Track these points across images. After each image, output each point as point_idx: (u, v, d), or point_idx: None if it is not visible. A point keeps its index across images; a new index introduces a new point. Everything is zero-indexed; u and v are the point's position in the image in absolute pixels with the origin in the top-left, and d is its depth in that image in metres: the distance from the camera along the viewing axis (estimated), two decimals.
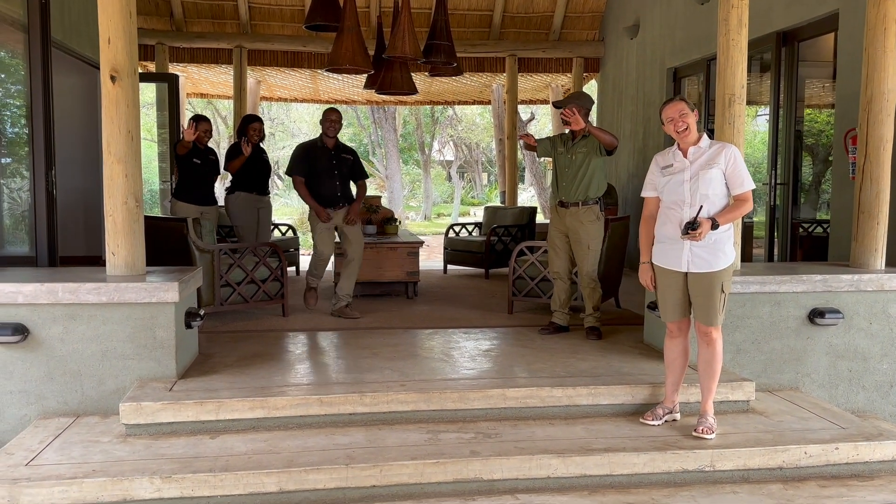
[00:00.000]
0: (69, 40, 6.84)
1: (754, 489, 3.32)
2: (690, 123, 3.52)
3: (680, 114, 3.51)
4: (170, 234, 5.30)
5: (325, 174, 5.76)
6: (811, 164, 6.48)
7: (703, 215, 3.43)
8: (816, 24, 5.80)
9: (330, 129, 5.77)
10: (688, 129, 3.51)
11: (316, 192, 5.73)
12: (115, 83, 3.95)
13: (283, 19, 9.93)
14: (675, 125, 3.52)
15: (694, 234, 3.39)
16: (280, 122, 27.43)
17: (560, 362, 4.35)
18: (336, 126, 5.79)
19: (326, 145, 5.81)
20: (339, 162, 5.82)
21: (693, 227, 3.38)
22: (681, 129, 3.51)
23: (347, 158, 5.90)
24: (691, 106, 3.55)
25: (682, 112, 3.51)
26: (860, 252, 4.65)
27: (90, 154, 7.92)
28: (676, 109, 3.52)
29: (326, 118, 5.78)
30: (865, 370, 4.47)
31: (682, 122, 3.51)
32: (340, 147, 5.90)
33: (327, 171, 5.77)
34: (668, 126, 3.56)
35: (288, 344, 4.85)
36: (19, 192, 5.53)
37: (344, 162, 5.87)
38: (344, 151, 5.91)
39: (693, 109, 3.54)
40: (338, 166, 5.81)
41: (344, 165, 5.87)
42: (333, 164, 5.78)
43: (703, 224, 3.39)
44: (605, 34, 10.24)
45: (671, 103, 3.56)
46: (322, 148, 5.80)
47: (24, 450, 3.33)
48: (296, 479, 3.12)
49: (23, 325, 3.79)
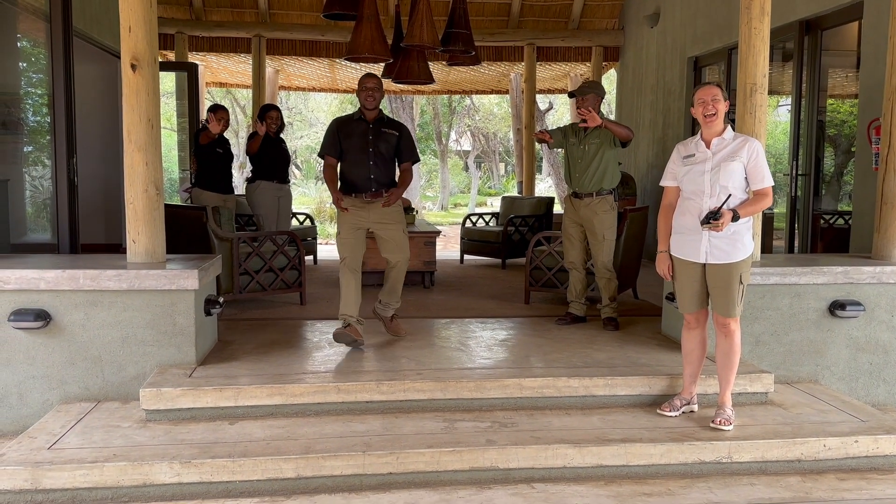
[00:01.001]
0: (90, 29, 6.89)
1: (772, 481, 3.30)
2: (720, 110, 3.48)
3: (713, 98, 3.47)
4: (190, 222, 5.35)
5: (356, 153, 4.57)
6: (833, 154, 6.40)
7: (726, 207, 3.41)
8: (840, 12, 5.71)
9: (368, 99, 4.53)
10: (715, 116, 3.48)
11: (344, 176, 4.62)
12: (136, 72, 3.98)
13: (302, 8, 9.94)
14: (704, 108, 3.48)
15: (716, 223, 3.36)
16: (298, 111, 27.50)
17: (577, 352, 4.35)
18: (376, 95, 4.54)
19: (365, 118, 4.60)
20: (376, 138, 4.58)
21: (716, 216, 3.35)
22: (709, 112, 3.47)
23: (391, 135, 4.63)
24: (725, 94, 3.51)
25: (715, 97, 3.47)
26: (883, 244, 4.59)
27: (111, 142, 8.00)
28: (710, 93, 3.48)
29: (362, 87, 4.57)
30: (886, 363, 4.42)
31: (713, 107, 3.47)
32: (384, 120, 4.65)
33: (359, 149, 4.56)
34: (697, 108, 3.52)
35: (306, 332, 4.88)
36: (41, 181, 5.60)
37: (384, 139, 4.61)
38: (387, 126, 4.64)
39: (726, 98, 3.51)
40: (374, 143, 4.57)
41: (384, 143, 4.61)
42: (369, 139, 4.56)
43: (724, 214, 3.36)
44: (625, 23, 10.14)
45: (707, 86, 3.52)
46: (358, 121, 4.60)
47: (47, 434, 3.39)
48: (313, 466, 3.15)
49: (45, 311, 3.84)
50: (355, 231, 4.53)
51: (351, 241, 4.52)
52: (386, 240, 4.59)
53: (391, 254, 4.61)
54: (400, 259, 4.62)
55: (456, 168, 30.71)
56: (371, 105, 4.55)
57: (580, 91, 4.93)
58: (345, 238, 4.52)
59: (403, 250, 4.63)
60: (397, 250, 4.60)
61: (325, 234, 15.24)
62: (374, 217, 4.54)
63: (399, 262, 4.63)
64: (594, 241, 5.04)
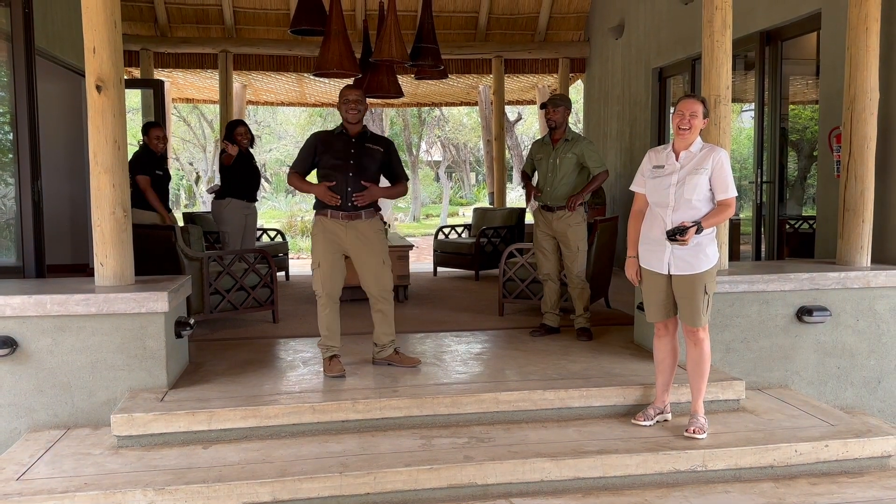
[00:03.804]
0: (53, 48, 6.79)
1: (746, 488, 3.35)
2: (695, 126, 3.52)
3: (691, 113, 3.51)
4: (158, 242, 5.28)
5: (334, 169, 4.18)
6: (796, 159, 6.54)
7: (686, 220, 3.46)
8: (799, 23, 5.85)
9: (350, 112, 4.18)
10: (689, 130, 3.52)
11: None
12: (101, 93, 3.93)
13: (269, 23, 9.90)
14: (680, 120, 3.53)
15: (682, 240, 3.41)
16: (267, 125, 27.34)
17: (551, 364, 4.37)
18: (359, 107, 4.19)
19: (347, 132, 4.27)
20: (359, 153, 4.21)
21: (682, 233, 3.40)
22: (684, 126, 3.52)
23: (375, 150, 4.27)
24: (706, 111, 3.57)
25: (694, 113, 3.51)
26: (846, 250, 4.69)
27: (76, 161, 7.87)
28: (690, 108, 3.51)
29: (344, 99, 4.19)
30: (853, 367, 4.52)
31: (689, 122, 3.51)
32: (367, 136, 4.30)
33: (338, 165, 4.17)
34: (674, 117, 3.57)
35: (279, 351, 4.84)
36: (4, 200, 5.49)
37: (368, 154, 4.24)
38: (372, 141, 4.29)
39: (706, 115, 3.56)
40: (356, 157, 4.19)
41: (368, 158, 4.23)
42: (351, 153, 4.19)
43: (689, 230, 3.41)
44: (591, 34, 10.27)
45: (691, 99, 3.55)
46: (340, 135, 4.27)
47: (15, 464, 3.31)
48: (289, 489, 3.12)
49: (11, 338, 3.76)
50: (332, 256, 4.18)
51: (328, 272, 4.18)
52: (361, 269, 4.24)
53: (368, 285, 4.25)
54: (377, 290, 4.24)
55: (427, 179, 30.75)
56: (354, 118, 4.20)
57: (552, 103, 5.02)
58: (324, 271, 4.17)
59: (381, 282, 4.24)
60: (374, 281, 4.23)
61: (297, 248, 15.13)
62: (351, 240, 4.20)
63: (378, 295, 4.25)
64: (568, 253, 5.09)
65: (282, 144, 27.89)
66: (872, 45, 4.55)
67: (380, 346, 4.39)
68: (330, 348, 4.26)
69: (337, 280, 4.23)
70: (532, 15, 10.23)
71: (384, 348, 4.39)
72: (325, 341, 4.25)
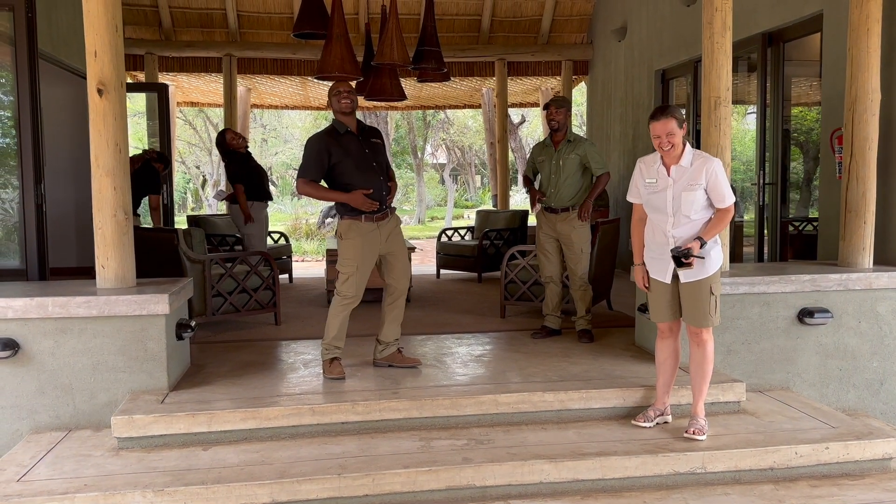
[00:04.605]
0: (57, 52, 6.83)
1: (746, 490, 3.34)
2: (676, 143, 3.47)
3: (667, 134, 3.44)
4: (160, 244, 5.30)
5: (362, 171, 4.12)
6: (801, 160, 6.52)
7: (687, 236, 3.47)
8: (801, 24, 5.84)
9: (344, 102, 4.13)
10: (672, 148, 3.50)
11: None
12: (103, 96, 3.96)
13: (272, 27, 9.94)
14: (660, 143, 3.48)
15: (688, 262, 3.39)
16: (272, 128, 27.45)
17: (552, 366, 4.37)
18: (350, 97, 4.14)
19: (349, 128, 4.19)
20: (373, 151, 4.21)
21: (686, 256, 3.38)
22: (666, 147, 3.49)
23: (379, 145, 4.28)
24: (680, 121, 3.46)
25: (670, 133, 3.43)
26: (848, 251, 4.68)
27: (81, 164, 7.90)
28: (664, 129, 3.44)
29: (335, 91, 4.16)
30: (855, 369, 4.50)
31: (668, 142, 3.46)
32: (365, 129, 4.27)
33: (364, 167, 4.13)
34: (654, 141, 3.53)
35: (280, 353, 4.86)
36: (9, 204, 5.52)
37: (376, 148, 4.24)
38: (371, 135, 4.28)
39: (682, 125, 3.47)
40: (373, 156, 4.19)
41: (381, 156, 4.25)
42: (366, 153, 4.17)
43: (692, 248, 3.39)
44: (594, 37, 10.27)
45: (661, 120, 3.45)
46: (346, 135, 4.16)
47: (16, 465, 3.33)
48: (288, 490, 3.13)
49: (13, 340, 3.78)
50: (372, 259, 4.15)
51: (366, 275, 4.15)
52: (394, 264, 4.27)
53: (398, 279, 4.28)
54: (404, 285, 4.32)
55: (432, 181, 30.80)
56: (348, 108, 4.14)
57: (556, 103, 5.02)
58: (362, 274, 4.13)
59: (408, 274, 4.36)
60: (403, 275, 4.30)
61: (301, 251, 15.16)
62: (383, 238, 4.20)
63: (403, 290, 4.32)
64: (571, 255, 5.09)
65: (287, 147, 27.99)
66: (874, 47, 4.54)
67: (384, 345, 4.40)
68: (334, 350, 4.26)
69: (364, 286, 4.22)
70: (535, 17, 10.24)
71: (388, 346, 4.40)
72: (331, 342, 4.23)
